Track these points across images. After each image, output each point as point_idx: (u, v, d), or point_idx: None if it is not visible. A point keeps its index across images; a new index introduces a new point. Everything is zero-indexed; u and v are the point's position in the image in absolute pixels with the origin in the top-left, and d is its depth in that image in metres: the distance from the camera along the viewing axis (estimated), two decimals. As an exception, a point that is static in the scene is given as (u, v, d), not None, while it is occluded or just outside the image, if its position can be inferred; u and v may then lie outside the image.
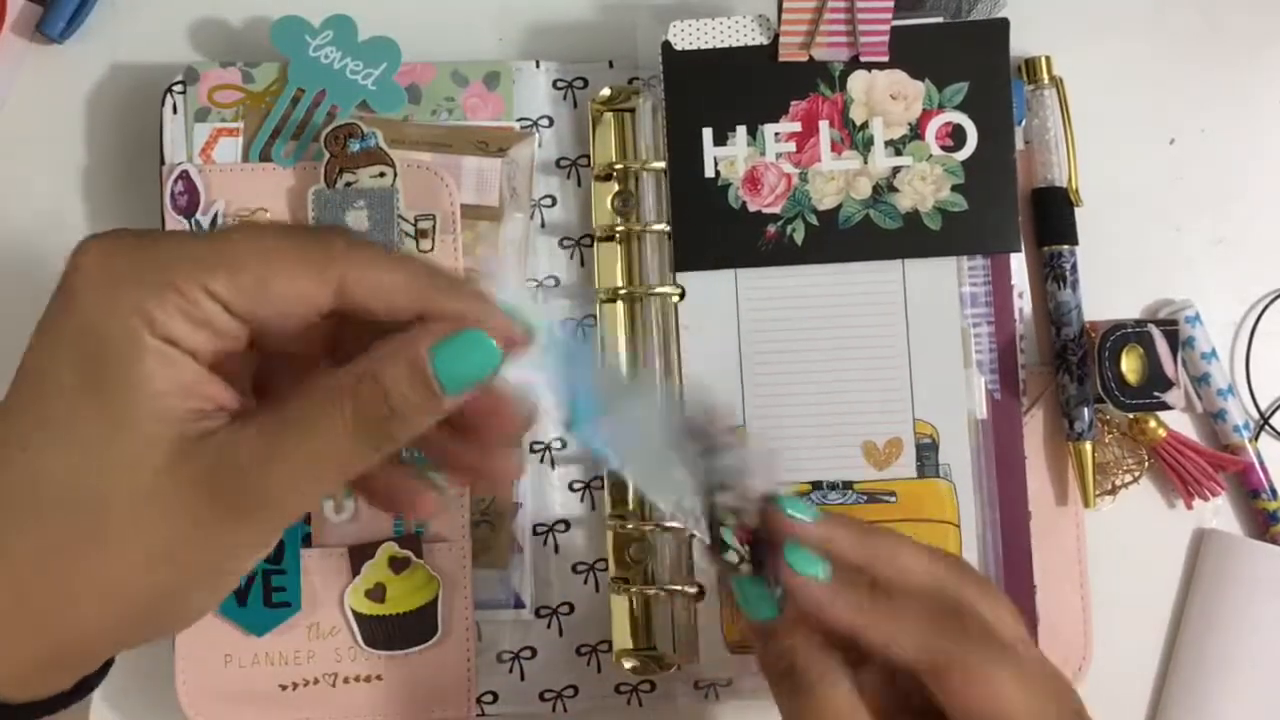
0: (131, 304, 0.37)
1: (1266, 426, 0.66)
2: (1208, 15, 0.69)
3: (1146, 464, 0.66)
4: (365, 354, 0.39)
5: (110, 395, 0.37)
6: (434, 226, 0.60)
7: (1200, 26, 0.69)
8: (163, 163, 0.64)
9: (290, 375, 0.42)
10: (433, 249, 0.62)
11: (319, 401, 0.38)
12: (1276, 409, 0.67)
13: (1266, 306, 0.67)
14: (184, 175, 0.63)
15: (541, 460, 0.64)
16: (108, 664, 0.42)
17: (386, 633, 0.62)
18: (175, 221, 0.63)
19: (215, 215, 0.63)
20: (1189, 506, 0.66)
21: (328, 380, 0.38)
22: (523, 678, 0.64)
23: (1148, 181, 0.68)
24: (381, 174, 0.61)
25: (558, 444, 0.65)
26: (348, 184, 0.61)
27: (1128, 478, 0.65)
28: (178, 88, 0.64)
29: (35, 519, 0.38)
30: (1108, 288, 0.66)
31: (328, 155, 0.61)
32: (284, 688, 0.62)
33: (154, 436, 0.38)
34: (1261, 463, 0.66)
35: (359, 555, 0.62)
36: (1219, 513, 0.67)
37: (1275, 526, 0.66)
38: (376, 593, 0.62)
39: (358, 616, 0.62)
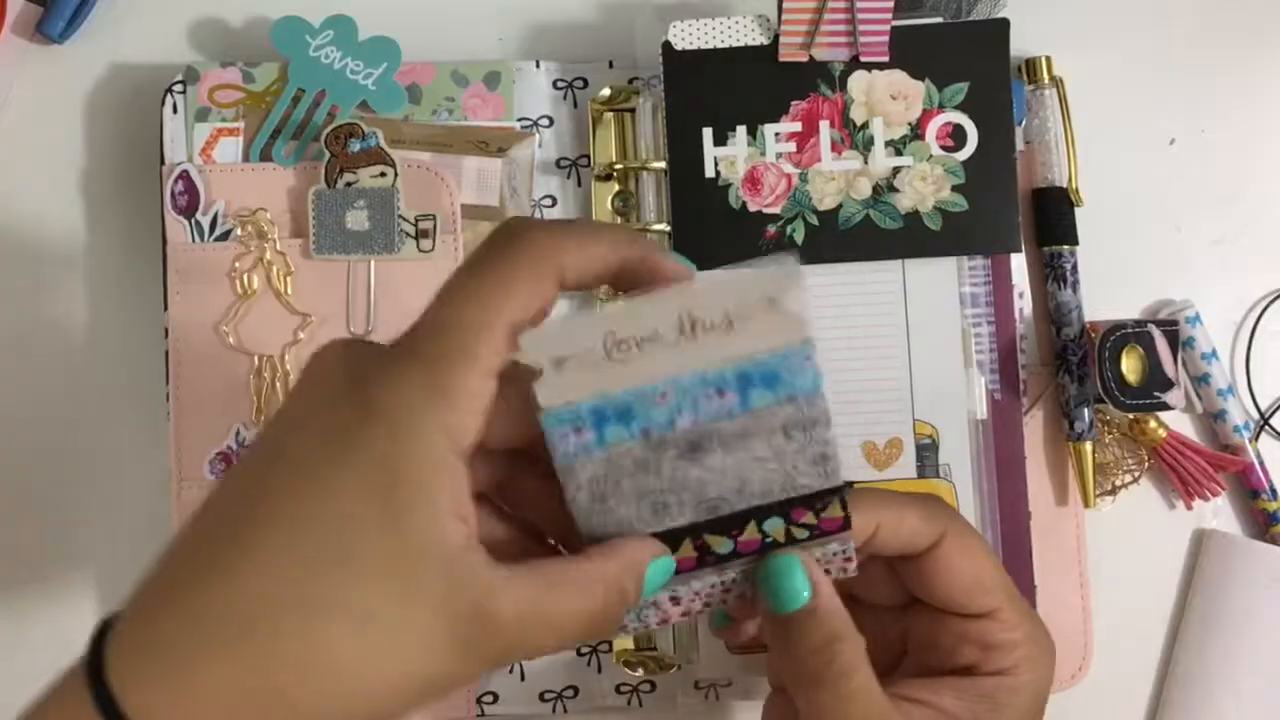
0: (438, 424, 0.39)
1: (1266, 426, 0.66)
2: (1207, 15, 0.69)
3: (1147, 464, 0.66)
4: (606, 554, 0.44)
5: (405, 521, 0.39)
6: (434, 226, 0.60)
7: (1200, 27, 0.69)
8: (163, 163, 0.64)
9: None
10: (433, 249, 0.62)
11: (583, 587, 0.42)
12: (1276, 409, 0.67)
13: (1266, 306, 0.67)
14: (184, 175, 0.63)
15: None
16: None
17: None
18: (175, 221, 0.63)
19: (215, 215, 0.63)
20: (1189, 507, 0.66)
21: (589, 572, 0.43)
22: (523, 678, 0.64)
23: (1148, 181, 0.68)
24: (382, 174, 0.61)
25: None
26: (348, 184, 0.61)
27: (1128, 478, 0.65)
28: (178, 88, 0.64)
29: (309, 622, 0.39)
30: (1108, 288, 0.66)
31: (328, 155, 0.61)
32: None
33: (434, 563, 0.39)
34: (1261, 463, 0.66)
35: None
36: (1219, 513, 0.67)
37: (1275, 526, 0.66)
38: (376, 593, 0.62)
39: (358, 616, 0.62)
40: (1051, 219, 0.66)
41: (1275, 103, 0.69)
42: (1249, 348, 0.67)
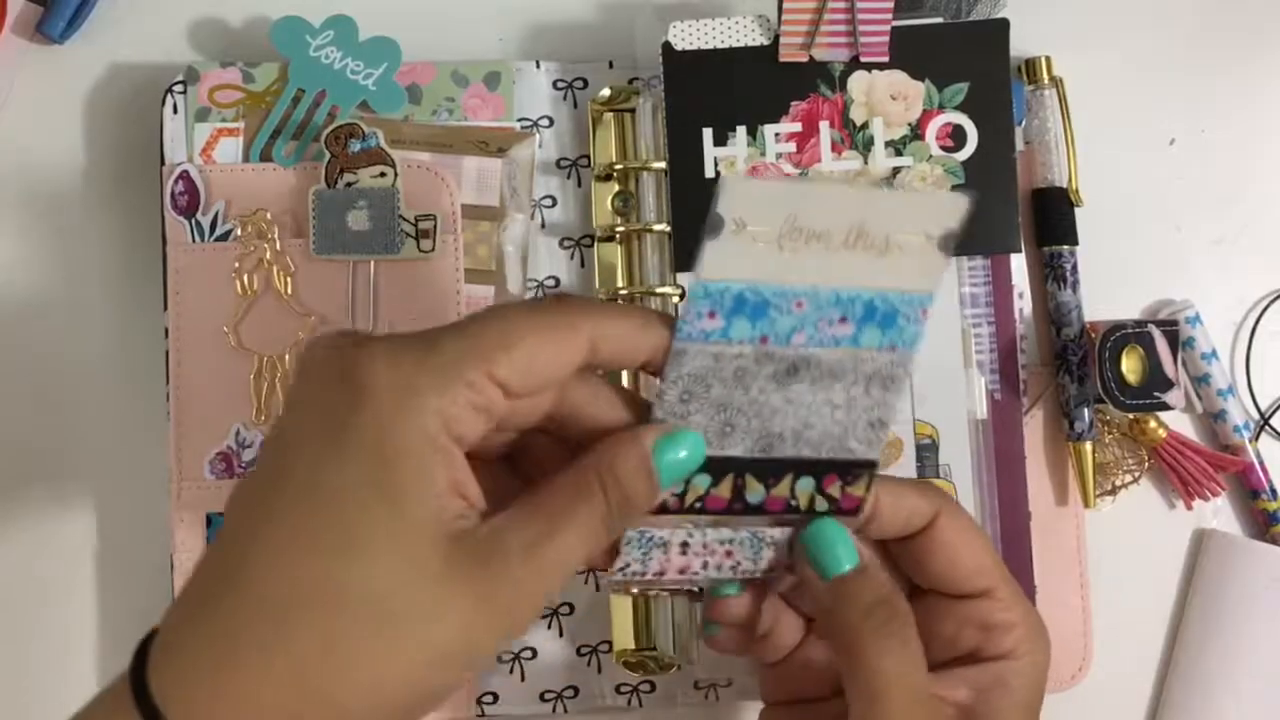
0: (433, 407, 0.41)
1: (1266, 427, 0.66)
2: (1208, 15, 0.69)
3: (1146, 464, 0.66)
4: (597, 450, 0.44)
5: (402, 501, 0.40)
6: (435, 226, 0.60)
7: (1200, 27, 0.69)
8: (163, 163, 0.64)
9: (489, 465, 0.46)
10: (433, 249, 0.62)
11: (574, 496, 0.43)
12: (1276, 409, 0.67)
13: (1266, 306, 0.67)
14: (184, 175, 0.63)
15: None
16: None
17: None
18: (176, 221, 0.63)
19: (216, 215, 0.63)
20: (1189, 507, 0.66)
21: (576, 477, 0.43)
22: (523, 678, 0.64)
23: (1148, 181, 0.68)
24: (382, 174, 0.61)
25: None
26: (348, 184, 0.61)
27: (1128, 478, 0.65)
28: (178, 88, 0.64)
29: (323, 616, 0.40)
30: (1108, 288, 0.66)
31: (329, 155, 0.61)
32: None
33: (435, 539, 0.41)
34: (1261, 463, 0.66)
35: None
36: (1219, 513, 0.67)
37: (1275, 526, 0.66)
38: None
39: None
40: (1051, 219, 0.66)
41: (1275, 103, 0.69)
42: (1249, 348, 0.67)
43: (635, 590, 0.61)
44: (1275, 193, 0.68)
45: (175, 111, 0.64)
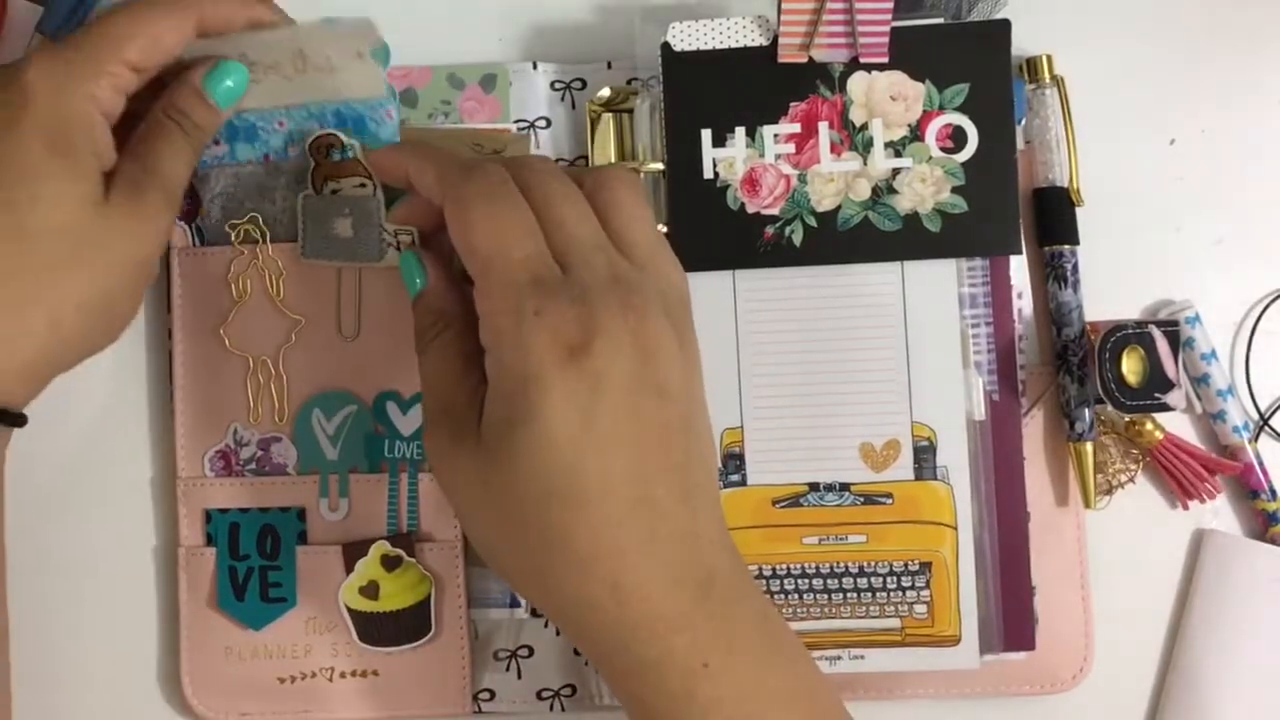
0: (85, 93, 0.55)
1: (1266, 427, 0.66)
2: (1208, 15, 0.68)
3: (1142, 462, 0.65)
4: (166, 92, 0.58)
5: (75, 158, 0.54)
6: (414, 239, 0.60)
7: (1201, 26, 0.68)
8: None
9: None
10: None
11: (159, 133, 0.58)
12: (1276, 409, 0.66)
13: (1266, 307, 0.67)
14: (184, 178, 0.63)
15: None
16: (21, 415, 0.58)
17: (381, 629, 0.63)
18: (177, 226, 0.63)
19: (214, 219, 0.63)
20: (1185, 508, 0.66)
21: (155, 118, 0.58)
22: (520, 676, 0.64)
23: (1148, 181, 0.67)
24: (362, 184, 0.61)
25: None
26: (333, 191, 0.61)
27: (1123, 477, 0.65)
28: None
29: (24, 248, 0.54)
30: (1108, 288, 0.66)
31: (313, 163, 0.61)
32: (282, 681, 0.63)
33: (100, 181, 0.55)
34: (1261, 463, 0.66)
35: (352, 552, 0.63)
36: (1218, 513, 0.67)
37: (1275, 527, 0.65)
38: (370, 590, 0.63)
39: (353, 613, 0.63)
40: (1052, 219, 0.65)
41: (1275, 103, 0.68)
42: (1249, 348, 0.67)
43: None
44: (1275, 193, 0.67)
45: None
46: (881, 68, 0.63)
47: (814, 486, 0.63)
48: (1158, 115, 0.68)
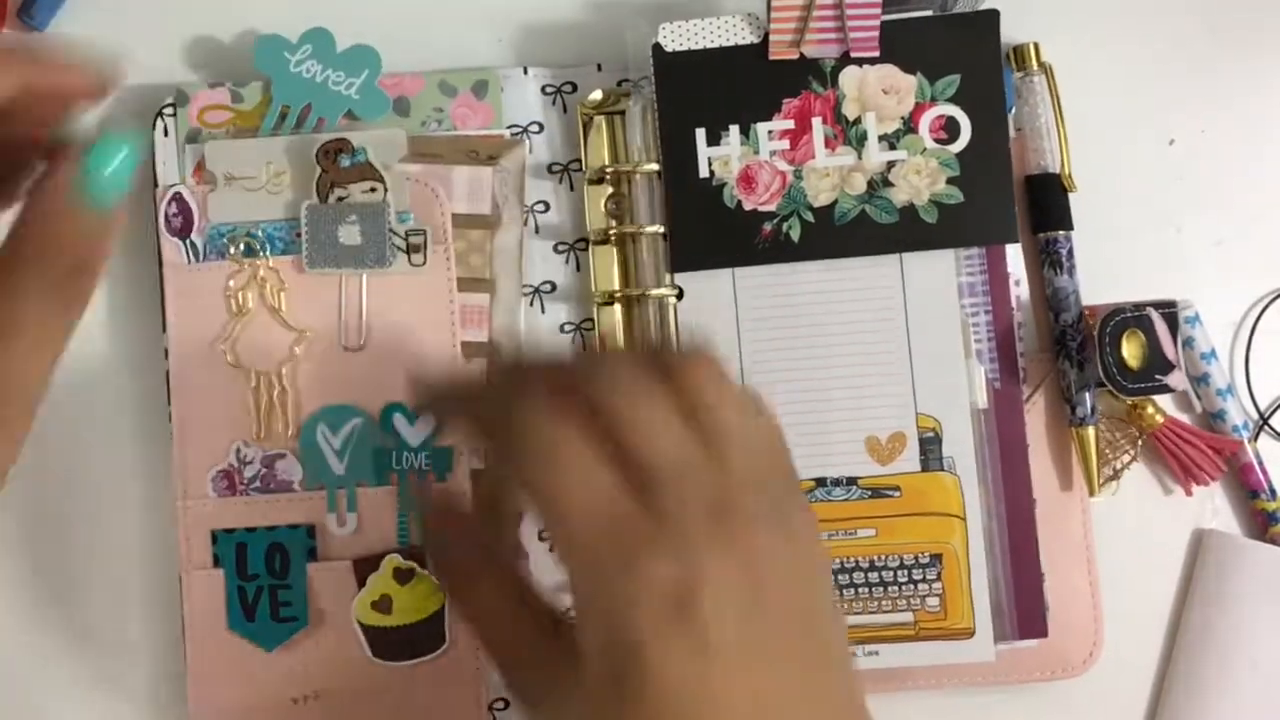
0: None
1: (1266, 426, 0.66)
2: (1208, 15, 0.68)
3: (1140, 442, 0.65)
4: (23, 219, 0.38)
5: None
6: (425, 241, 0.60)
7: (1201, 27, 0.68)
8: (156, 185, 0.63)
9: None
10: (425, 262, 0.62)
11: (18, 283, 0.38)
12: (1276, 409, 0.67)
13: (1266, 306, 0.67)
14: (177, 197, 0.63)
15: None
16: None
17: (395, 643, 0.62)
18: (170, 243, 0.63)
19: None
20: (1188, 493, 0.66)
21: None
22: (533, 684, 0.64)
23: (1147, 182, 0.67)
24: (373, 189, 0.61)
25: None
26: (339, 198, 0.61)
27: (1125, 458, 0.65)
28: (168, 110, 0.64)
29: None
30: (1108, 288, 0.66)
31: (319, 170, 0.61)
32: (295, 701, 0.63)
33: None
34: (1261, 463, 0.66)
35: (363, 567, 0.62)
36: (1218, 513, 0.67)
37: (1275, 526, 0.65)
38: (383, 604, 0.62)
39: (365, 628, 0.62)
40: (1046, 205, 0.65)
41: (1275, 103, 0.68)
42: (1249, 348, 0.67)
43: None
44: (1275, 193, 0.68)
45: (166, 134, 0.64)
46: (872, 61, 0.63)
47: (821, 482, 0.63)
48: (1158, 116, 0.68)
